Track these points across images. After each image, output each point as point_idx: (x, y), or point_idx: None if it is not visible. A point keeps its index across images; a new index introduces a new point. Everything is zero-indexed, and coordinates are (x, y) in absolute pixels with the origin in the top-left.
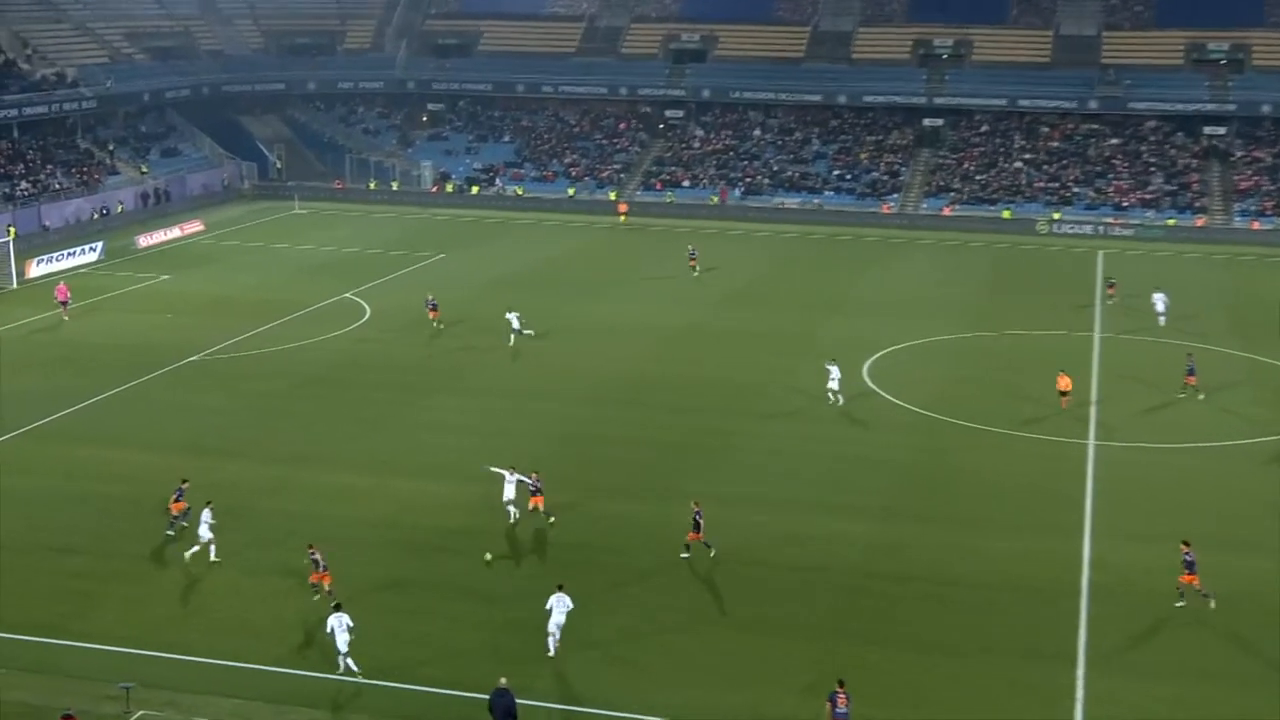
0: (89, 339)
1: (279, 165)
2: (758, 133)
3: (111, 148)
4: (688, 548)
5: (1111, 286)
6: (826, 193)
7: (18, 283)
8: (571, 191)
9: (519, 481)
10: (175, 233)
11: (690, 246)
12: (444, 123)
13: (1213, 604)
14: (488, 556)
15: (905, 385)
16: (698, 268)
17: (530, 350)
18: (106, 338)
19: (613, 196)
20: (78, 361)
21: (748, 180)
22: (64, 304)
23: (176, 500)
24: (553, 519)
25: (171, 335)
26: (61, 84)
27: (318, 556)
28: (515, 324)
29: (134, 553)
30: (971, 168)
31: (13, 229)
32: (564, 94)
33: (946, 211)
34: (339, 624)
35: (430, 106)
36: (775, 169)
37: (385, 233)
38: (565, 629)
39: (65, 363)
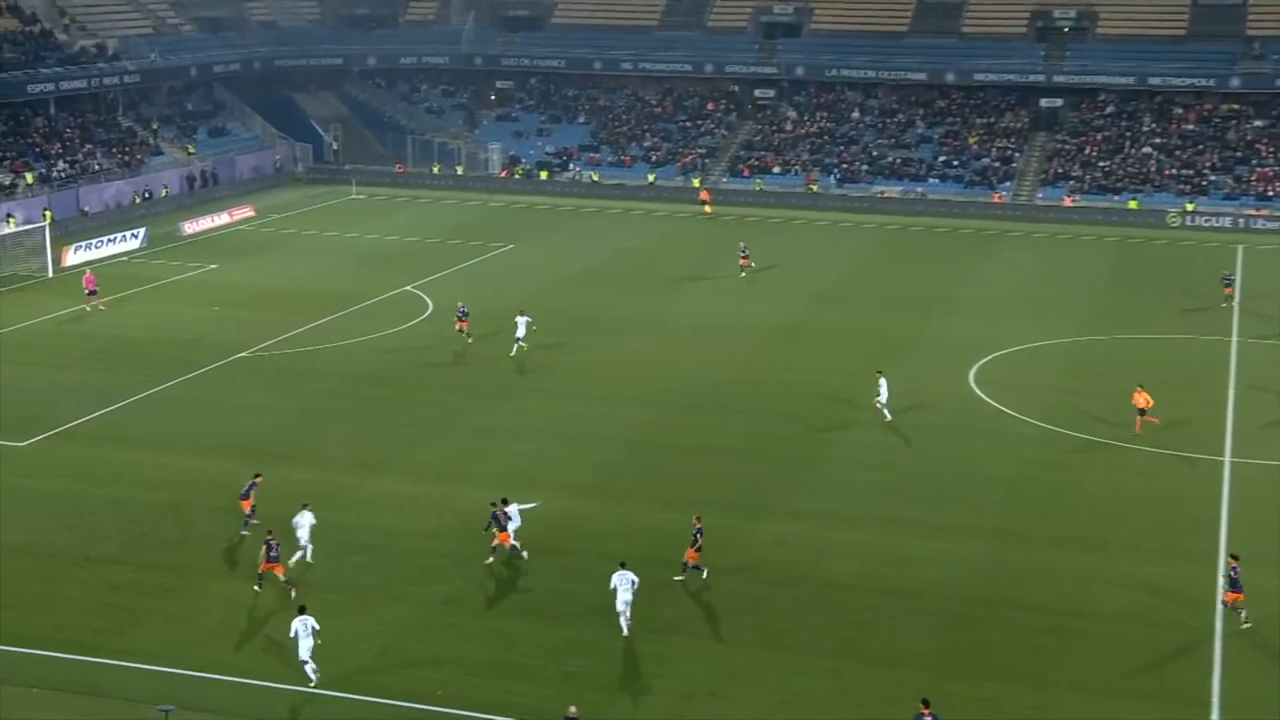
0: (129, 333)
1: (335, 147)
2: (856, 114)
3: (155, 126)
4: (684, 568)
5: (1229, 286)
6: (931, 180)
7: (54, 271)
8: (651, 178)
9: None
10: (223, 219)
11: (742, 244)
12: (513, 102)
13: (1245, 624)
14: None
15: (1016, 392)
16: (751, 265)
17: (605, 351)
18: (148, 331)
19: (696, 184)
20: (117, 356)
21: (844, 166)
22: (92, 294)
23: (244, 497)
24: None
25: (218, 329)
26: (102, 56)
27: (273, 542)
28: (521, 330)
29: (177, 564)
30: (1094, 153)
31: (49, 213)
32: (644, 71)
33: (1066, 202)
34: (303, 628)
35: (499, 84)
36: (875, 154)
37: (449, 221)
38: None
39: (104, 358)
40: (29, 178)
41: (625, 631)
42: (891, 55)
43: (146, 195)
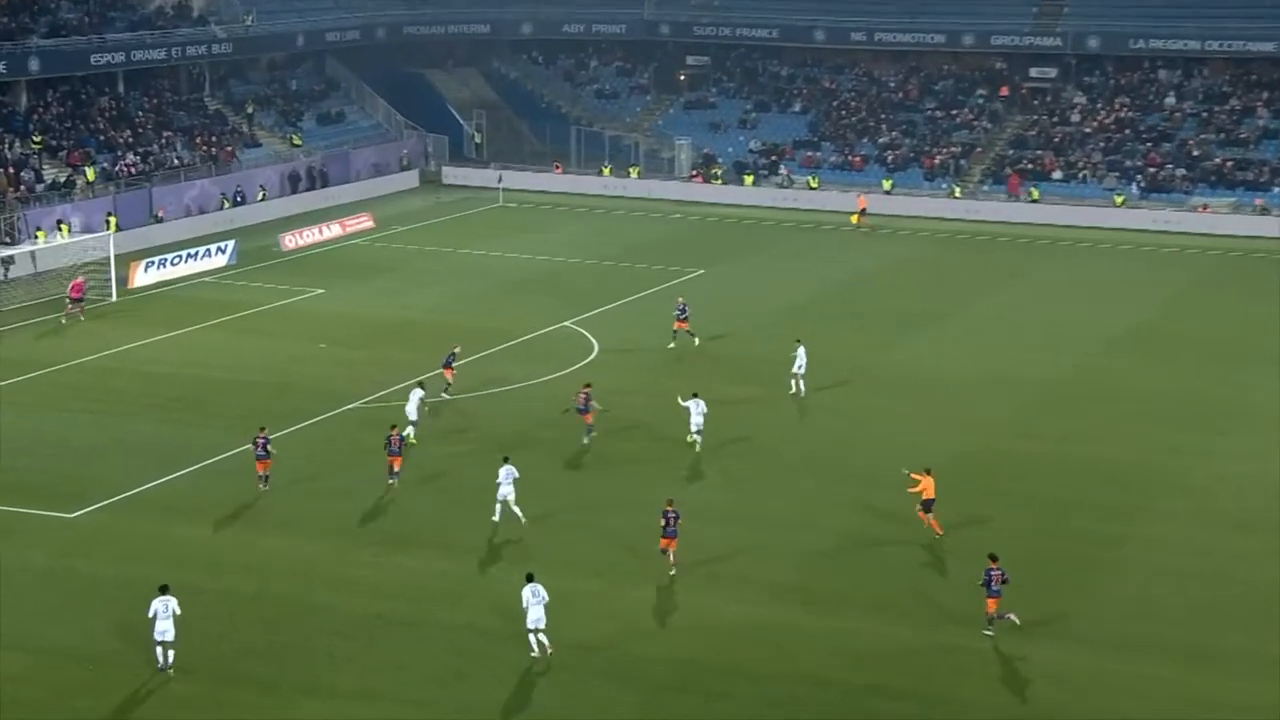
0: (212, 374)
1: (478, 139)
2: (1171, 100)
3: (250, 110)
4: (664, 552)
5: None
6: (1276, 190)
7: (118, 293)
8: (888, 184)
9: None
10: (333, 230)
11: (680, 300)
12: (709, 84)
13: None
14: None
15: None
16: (688, 330)
17: (821, 409)
18: (235, 373)
19: (956, 193)
20: (195, 405)
21: (1151, 171)
22: (77, 301)
23: (260, 459)
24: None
25: (325, 373)
26: (184, 19)
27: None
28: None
29: (262, 677)
30: None
31: (113, 219)
32: (881, 44)
33: None
34: (163, 607)
35: (690, 60)
36: (1195, 154)
37: (621, 238)
38: None
39: (178, 406)
40: (90, 173)
41: (536, 652)
42: (1222, 19)
43: (238, 198)
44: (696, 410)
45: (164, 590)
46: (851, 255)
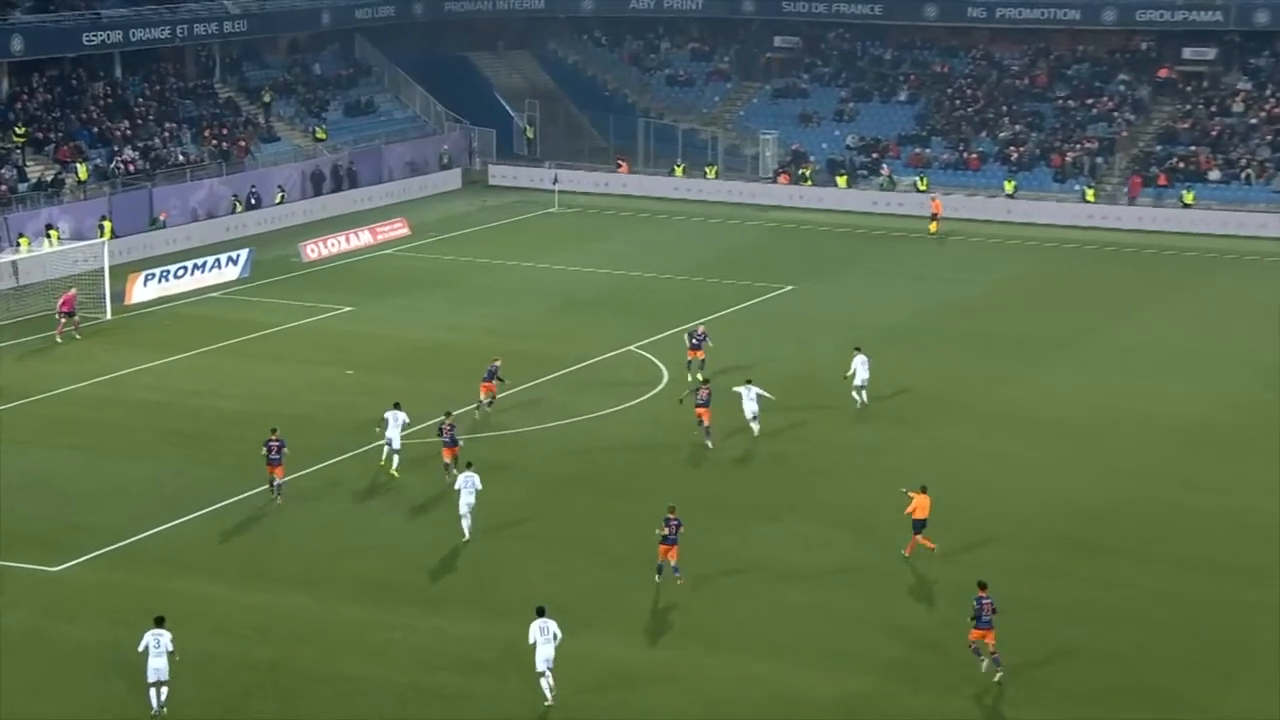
0: (221, 404)
1: (530, 133)
2: None
3: (268, 99)
4: (659, 570)
5: None
6: None
7: (113, 310)
8: (1010, 186)
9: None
10: (363, 238)
11: (700, 329)
12: (799, 69)
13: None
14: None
15: None
16: (701, 359)
17: (925, 450)
18: (249, 404)
19: (1089, 196)
20: (202, 439)
21: None
22: (68, 315)
23: (272, 465)
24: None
25: (351, 402)
26: None
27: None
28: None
29: None
30: None
31: (108, 224)
32: (1004, 20)
33: None
34: (154, 642)
35: (778, 41)
36: None
37: (696, 248)
38: None
39: (182, 441)
40: (81, 171)
41: (549, 698)
42: None
43: (252, 200)
44: (749, 396)
45: (159, 623)
46: (965, 270)
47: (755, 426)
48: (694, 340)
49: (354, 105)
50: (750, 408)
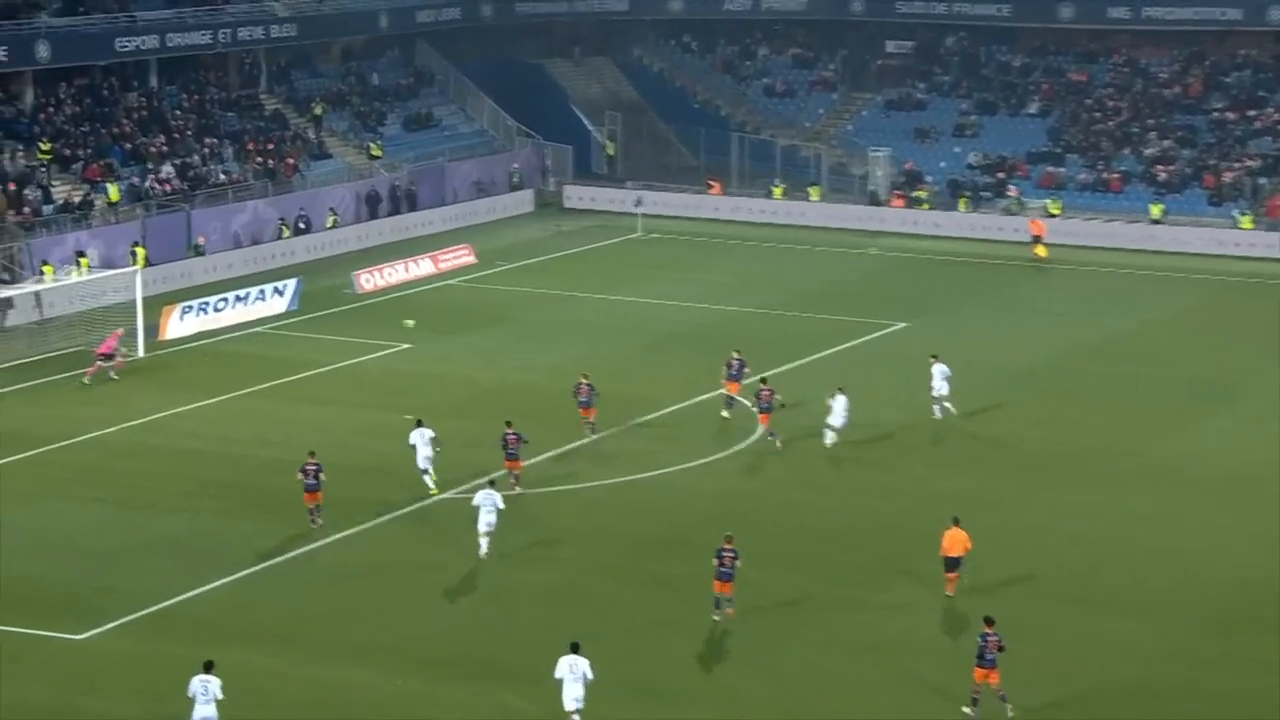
0: (263, 453)
1: (610, 150)
2: None
3: (319, 111)
4: (717, 604)
5: None
6: None
7: (147, 346)
8: (1157, 210)
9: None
10: (423, 267)
11: (735, 354)
12: (914, 77)
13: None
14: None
15: None
16: (736, 393)
17: (1066, 510)
18: (294, 452)
19: (1246, 224)
20: (243, 491)
21: None
22: (107, 358)
23: (309, 491)
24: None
25: (409, 452)
26: None
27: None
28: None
29: None
30: None
31: (141, 250)
32: (1150, 21)
33: None
34: (202, 689)
35: (891, 46)
36: None
37: (796, 280)
38: None
39: (221, 492)
40: (112, 191)
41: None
42: None
43: (301, 225)
44: (840, 408)
45: (208, 668)
46: (1103, 305)
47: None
48: (731, 371)
49: (414, 118)
50: (839, 418)
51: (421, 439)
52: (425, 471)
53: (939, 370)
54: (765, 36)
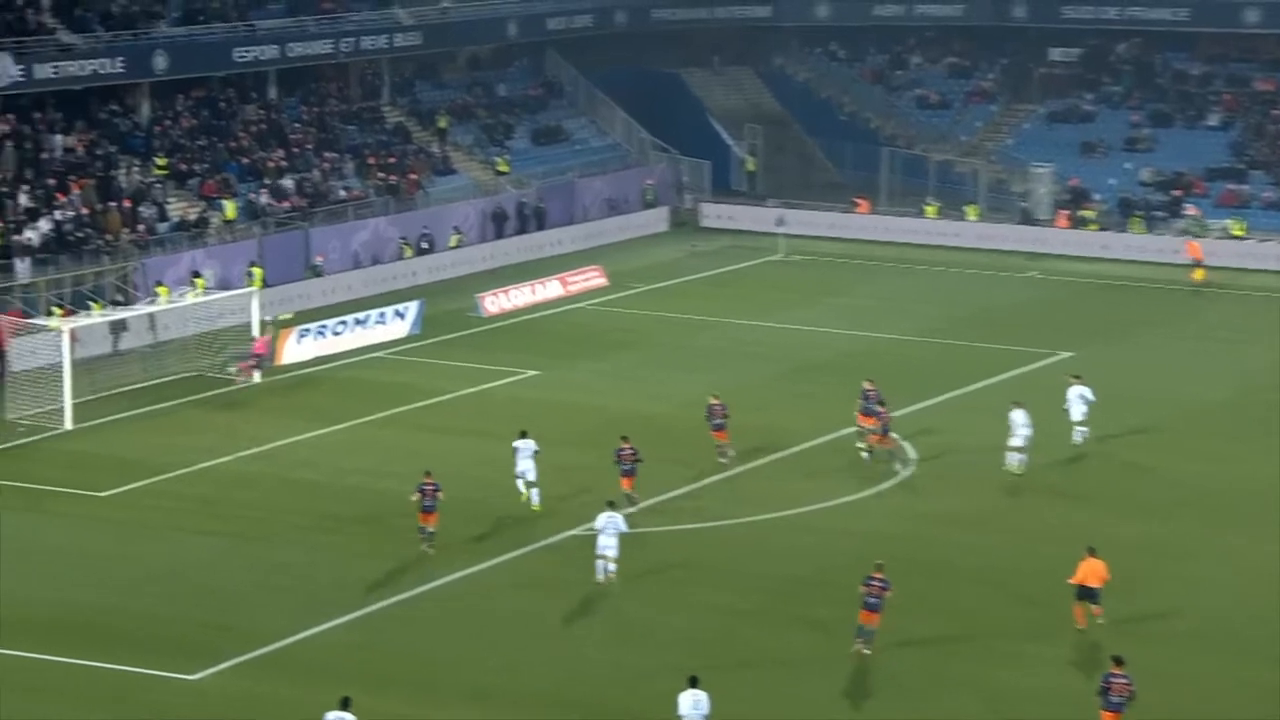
0: (383, 485)
1: (751, 166)
2: None
3: (443, 124)
4: (859, 634)
5: None
6: None
7: (261, 372)
8: None
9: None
10: (552, 290)
11: (868, 385)
12: (1081, 87)
13: None
14: None
15: None
16: (871, 437)
17: (1237, 557)
18: (414, 483)
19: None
20: (364, 524)
21: None
22: (257, 359)
23: (425, 512)
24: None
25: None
26: (359, 2)
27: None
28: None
29: None
30: None
31: (258, 270)
32: None
33: None
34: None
35: (1056, 54)
36: None
37: (952, 303)
38: None
39: (340, 525)
40: (229, 209)
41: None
42: None
43: (424, 244)
44: (1022, 422)
45: (344, 704)
46: None
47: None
48: (869, 404)
49: (543, 131)
50: (1022, 435)
51: (525, 450)
52: (530, 484)
53: (1077, 393)
54: (918, 44)
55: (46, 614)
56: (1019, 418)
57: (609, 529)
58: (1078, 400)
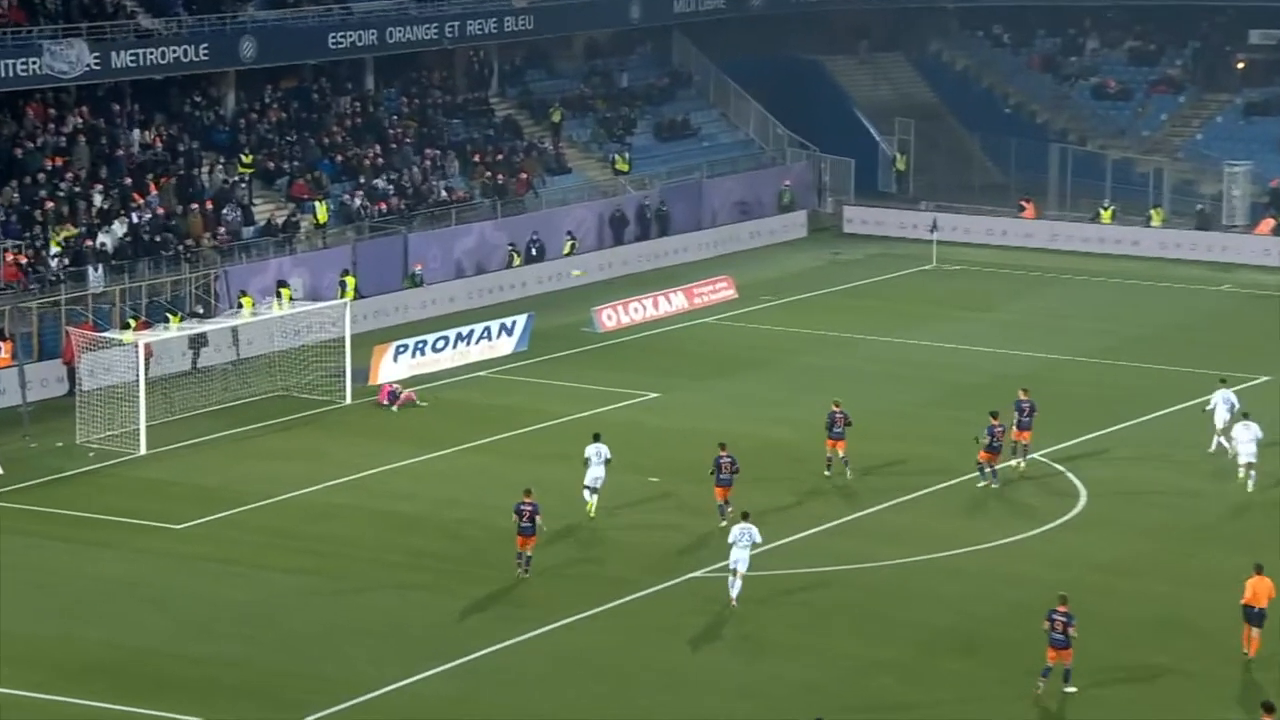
0: (488, 519)
1: (901, 164)
2: None
3: (557, 118)
4: (1045, 674)
5: None
6: None
7: (354, 393)
8: None
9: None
10: (675, 303)
11: (1023, 392)
12: None
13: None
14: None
15: None
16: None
17: None
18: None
19: None
20: (462, 565)
21: None
22: (391, 397)
23: (523, 535)
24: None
25: (658, 521)
26: None
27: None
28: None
29: None
30: None
31: (351, 279)
32: None
33: None
34: None
35: (1255, 37)
36: None
37: (1131, 319)
38: None
39: (432, 566)
40: (320, 211)
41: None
42: None
43: (534, 251)
44: (1248, 435)
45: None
46: None
47: (1250, 476)
48: (1023, 417)
49: (668, 126)
50: (1248, 450)
51: (597, 456)
52: (593, 490)
53: (1222, 396)
54: (1095, 26)
55: (115, 658)
56: (1243, 435)
57: (742, 540)
58: (1224, 405)
